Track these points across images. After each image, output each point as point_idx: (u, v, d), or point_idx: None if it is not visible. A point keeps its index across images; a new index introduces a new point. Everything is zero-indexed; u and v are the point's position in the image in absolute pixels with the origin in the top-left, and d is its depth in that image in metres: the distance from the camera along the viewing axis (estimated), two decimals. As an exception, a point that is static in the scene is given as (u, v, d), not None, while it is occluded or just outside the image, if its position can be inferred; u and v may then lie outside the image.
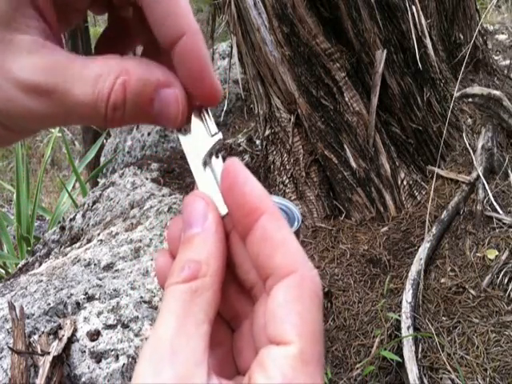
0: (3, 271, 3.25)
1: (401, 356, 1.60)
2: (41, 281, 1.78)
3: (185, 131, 0.34)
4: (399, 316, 1.70)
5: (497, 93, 2.47)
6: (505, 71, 3.06)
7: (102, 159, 4.08)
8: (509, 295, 1.74)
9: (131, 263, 1.91)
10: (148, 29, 0.33)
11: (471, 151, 2.27)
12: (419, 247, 1.94)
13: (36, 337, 1.49)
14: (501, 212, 2.02)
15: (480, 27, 2.85)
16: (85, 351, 1.47)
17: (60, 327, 1.52)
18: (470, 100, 2.55)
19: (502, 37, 4.29)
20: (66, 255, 2.19)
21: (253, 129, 3.15)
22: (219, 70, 3.82)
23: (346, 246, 2.11)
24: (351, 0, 2.00)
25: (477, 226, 2.01)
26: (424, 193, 2.22)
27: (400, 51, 2.13)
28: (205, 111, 0.34)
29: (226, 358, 0.32)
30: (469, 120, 2.45)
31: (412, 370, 1.54)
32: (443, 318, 1.72)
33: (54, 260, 2.20)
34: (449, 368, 1.55)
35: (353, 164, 2.18)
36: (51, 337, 1.50)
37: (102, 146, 4.17)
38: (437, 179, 2.24)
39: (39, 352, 1.43)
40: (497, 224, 1.99)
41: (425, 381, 1.55)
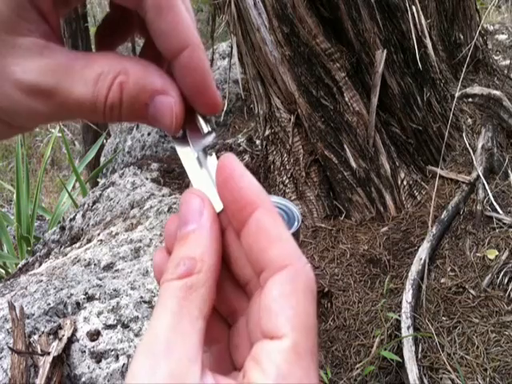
0: (3, 271, 3.25)
1: (401, 356, 1.60)
2: (41, 281, 1.78)
3: (174, 133, 0.34)
4: (399, 316, 1.70)
5: (497, 93, 2.47)
6: (505, 71, 3.06)
7: (102, 159, 4.08)
8: (509, 295, 1.74)
9: (131, 263, 1.91)
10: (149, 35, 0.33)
11: (471, 151, 2.27)
12: (419, 247, 1.95)
13: (36, 337, 1.49)
14: (501, 212, 2.02)
15: (480, 27, 2.85)
16: (85, 351, 1.48)
17: (60, 327, 1.52)
18: (470, 100, 2.55)
19: (502, 37, 4.29)
20: (66, 255, 2.19)
21: (253, 129, 3.15)
22: (219, 70, 3.82)
23: (346, 246, 2.11)
24: (351, 0, 2.00)
25: (477, 226, 2.01)
26: (424, 193, 2.22)
27: (400, 51, 2.13)
28: (197, 111, 0.34)
29: (223, 355, 0.33)
30: (469, 120, 2.45)
31: (412, 370, 1.54)
32: (443, 318, 1.72)
33: (54, 260, 2.20)
34: (449, 368, 1.55)
35: (353, 164, 2.18)
36: (51, 337, 1.50)
37: (102, 146, 4.17)
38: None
39: (39, 352, 1.43)
40: (497, 224, 1.99)
41: (425, 381, 1.55)
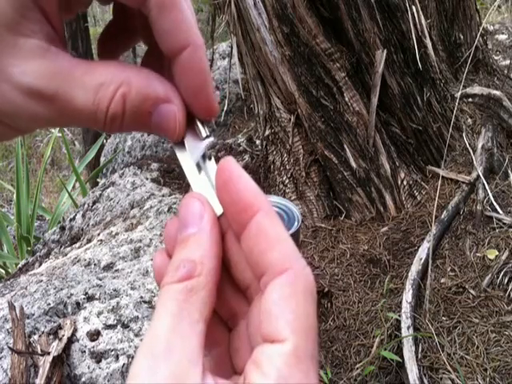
0: (3, 271, 3.25)
1: (401, 356, 1.60)
2: (41, 281, 1.78)
3: (176, 141, 0.34)
4: (399, 316, 1.70)
5: (497, 93, 2.47)
6: (505, 71, 3.06)
7: (102, 159, 4.08)
8: (509, 295, 1.74)
9: (131, 263, 1.91)
10: (151, 34, 0.33)
11: (471, 151, 2.27)
12: (419, 247, 1.94)
13: (36, 337, 1.49)
14: (501, 212, 2.02)
15: (480, 28, 2.85)
16: (85, 351, 1.48)
17: (60, 327, 1.52)
18: (470, 100, 2.55)
19: (502, 37, 4.29)
20: (66, 255, 2.19)
21: (253, 129, 3.15)
22: (219, 70, 3.82)
23: (346, 246, 2.11)
24: (351, 0, 2.00)
25: (477, 226, 2.01)
26: (424, 193, 2.22)
27: (400, 51, 2.13)
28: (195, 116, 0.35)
29: (223, 358, 0.33)
30: (469, 120, 2.45)
31: (412, 370, 1.54)
32: (443, 318, 1.72)
33: (54, 260, 2.20)
34: (449, 368, 1.55)
35: (353, 164, 2.18)
36: (51, 337, 1.50)
37: (102, 146, 4.17)
38: (437, 179, 2.24)
39: (39, 352, 1.43)
40: (497, 224, 1.99)
41: (425, 381, 1.54)
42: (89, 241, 2.30)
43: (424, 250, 1.91)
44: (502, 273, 1.79)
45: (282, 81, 2.18)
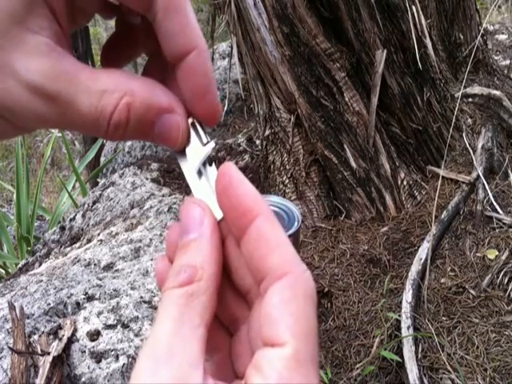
0: (3, 271, 3.25)
1: (401, 356, 1.60)
2: (41, 281, 1.78)
3: (178, 150, 0.35)
4: (399, 316, 1.70)
5: (497, 93, 2.47)
6: (505, 71, 3.06)
7: (102, 159, 4.08)
8: (509, 295, 1.74)
9: (131, 263, 1.91)
10: (154, 40, 0.33)
11: (471, 151, 2.27)
12: (419, 247, 1.94)
13: (36, 337, 1.49)
14: (501, 212, 2.02)
15: (480, 27, 2.85)
16: (85, 351, 1.47)
17: (60, 327, 1.52)
18: (470, 100, 2.55)
19: (502, 37, 4.29)
20: (66, 255, 2.19)
21: (253, 129, 3.15)
22: (219, 70, 3.82)
23: (346, 246, 2.11)
24: (351, 0, 2.00)
25: (477, 226, 2.01)
26: (424, 193, 2.22)
27: (400, 51, 2.13)
28: (196, 121, 0.35)
29: (225, 363, 0.33)
30: (469, 120, 2.45)
31: (412, 370, 1.54)
32: (443, 318, 1.72)
33: (54, 260, 2.21)
34: (449, 368, 1.55)
35: (353, 164, 2.18)
36: (51, 337, 1.50)
37: (102, 146, 4.17)
38: (437, 179, 2.24)
39: (39, 352, 1.43)
40: (497, 224, 1.99)
41: (425, 381, 1.54)
42: (89, 241, 2.30)
43: (424, 250, 1.91)
44: (502, 273, 1.79)
45: (282, 81, 2.18)
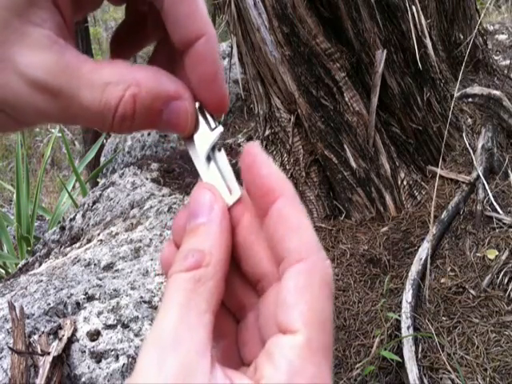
0: (3, 271, 3.25)
1: (401, 356, 1.60)
2: (41, 281, 1.78)
3: (187, 136, 0.34)
4: (399, 316, 1.70)
5: (497, 93, 2.47)
6: (505, 71, 3.06)
7: (102, 159, 4.08)
8: (509, 295, 1.73)
9: (131, 263, 1.91)
10: (162, 27, 0.32)
11: (471, 151, 2.27)
12: (419, 247, 1.94)
13: (36, 337, 1.49)
14: (501, 212, 2.02)
15: (480, 27, 2.85)
16: (85, 351, 1.47)
17: (60, 327, 1.52)
18: (470, 100, 2.55)
19: (502, 37, 4.29)
20: (66, 255, 2.19)
21: (253, 129, 3.15)
22: (219, 70, 3.82)
23: (346, 246, 2.11)
24: (351, 0, 2.00)
25: (477, 226, 2.01)
26: (424, 193, 2.22)
27: (400, 51, 2.13)
28: (204, 108, 0.34)
29: (231, 350, 0.32)
30: (469, 120, 2.45)
31: (412, 370, 1.54)
32: (443, 318, 1.72)
33: (54, 260, 2.21)
34: (449, 368, 1.55)
35: (353, 164, 2.18)
36: (51, 337, 1.50)
37: (102, 146, 4.18)
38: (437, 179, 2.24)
39: (39, 352, 1.43)
40: (497, 224, 1.99)
41: (425, 381, 1.54)
42: (89, 241, 2.30)
43: (424, 250, 1.91)
44: (502, 273, 1.79)
45: (282, 81, 2.18)
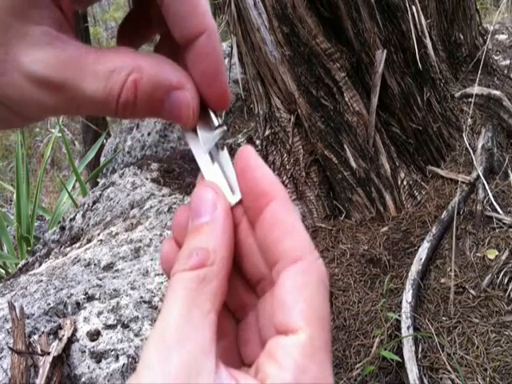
0: (3, 271, 3.25)
1: (401, 356, 1.60)
2: (41, 281, 1.78)
3: (190, 128, 0.34)
4: (399, 316, 1.70)
5: (497, 93, 2.47)
6: (505, 71, 3.06)
7: (102, 159, 4.08)
8: (509, 295, 1.73)
9: (131, 263, 1.91)
10: (164, 22, 0.32)
11: (471, 151, 2.27)
12: (419, 247, 1.94)
13: (36, 337, 1.49)
14: (501, 212, 2.02)
15: (480, 27, 2.85)
16: (85, 351, 1.47)
17: (60, 327, 1.52)
18: (470, 100, 2.55)
19: (502, 37, 4.29)
20: (66, 255, 2.19)
21: (253, 129, 3.15)
22: (219, 70, 3.82)
23: (346, 246, 2.11)
24: (351, 0, 2.00)
25: (477, 226, 2.01)
26: (424, 193, 2.22)
27: (400, 51, 2.13)
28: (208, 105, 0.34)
29: (231, 349, 0.32)
30: (469, 120, 2.45)
31: (412, 370, 1.54)
32: (443, 318, 1.72)
33: (54, 260, 2.21)
34: (449, 368, 1.55)
35: (353, 164, 2.18)
36: (51, 337, 1.50)
37: (102, 146, 4.18)
38: (437, 179, 2.24)
39: (39, 352, 1.43)
40: (497, 224, 1.99)
41: (425, 381, 1.54)
42: (89, 241, 2.30)
43: (424, 250, 1.91)
44: (502, 273, 1.79)
45: (282, 81, 2.18)
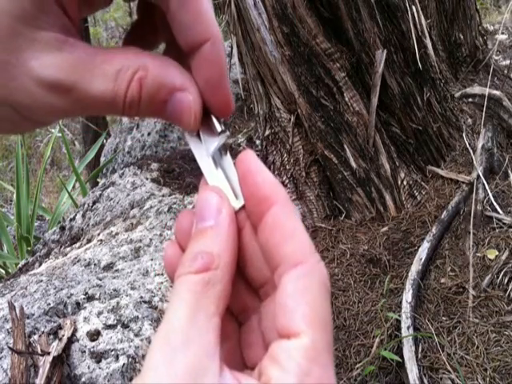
0: (3, 271, 3.25)
1: (401, 356, 1.60)
2: (41, 281, 1.78)
3: (192, 132, 0.34)
4: (399, 316, 1.70)
5: (497, 93, 2.47)
6: (505, 71, 3.06)
7: (102, 159, 4.08)
8: (509, 295, 1.73)
9: (131, 263, 1.91)
10: (169, 29, 0.33)
11: (471, 151, 2.27)
12: (419, 247, 1.94)
13: (36, 337, 1.49)
14: (501, 212, 2.02)
15: (480, 27, 2.85)
16: (85, 351, 1.47)
17: (60, 327, 1.52)
18: (470, 100, 2.55)
19: (502, 37, 4.29)
20: (66, 255, 2.19)
21: (253, 129, 3.15)
22: (219, 70, 3.82)
23: (346, 246, 2.11)
24: (351, 0, 2.00)
25: (477, 226, 2.00)
26: (424, 193, 2.22)
27: (400, 51, 2.13)
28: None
29: (234, 352, 0.33)
30: (469, 120, 2.45)
31: (412, 370, 1.54)
32: (443, 318, 1.72)
33: (54, 260, 2.21)
34: (449, 368, 1.55)
35: (353, 164, 2.18)
36: (51, 337, 1.50)
37: (102, 146, 4.18)
38: (437, 179, 2.24)
39: (39, 352, 1.43)
40: (497, 224, 1.99)
41: (425, 381, 1.54)
42: (89, 241, 2.30)
43: (424, 250, 1.91)
44: (502, 273, 1.79)
45: (282, 81, 2.18)
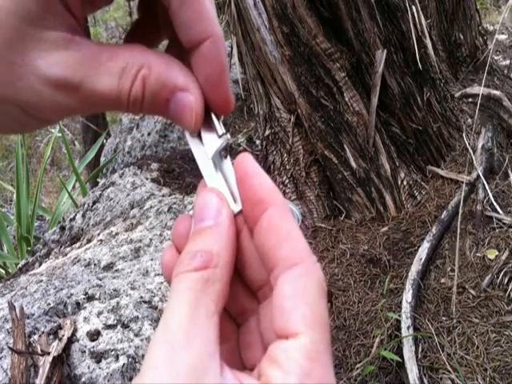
0: (3, 271, 3.25)
1: (401, 356, 1.60)
2: (41, 281, 1.78)
3: (193, 132, 0.34)
4: (399, 316, 1.70)
5: (497, 93, 2.47)
6: (505, 71, 3.06)
7: (102, 159, 4.08)
8: (509, 295, 1.73)
9: (131, 263, 1.91)
10: (171, 27, 0.33)
11: (471, 151, 2.27)
12: (419, 247, 1.94)
13: (36, 337, 1.49)
14: (501, 212, 2.02)
15: (480, 27, 2.85)
16: (85, 351, 1.47)
17: (60, 327, 1.52)
18: (470, 100, 2.55)
19: (502, 37, 4.29)
20: (66, 255, 2.19)
21: (253, 129, 3.15)
22: (219, 70, 3.82)
23: (346, 246, 2.11)
24: (351, 0, 2.00)
25: (477, 226, 2.00)
26: (424, 193, 2.22)
27: (400, 51, 2.13)
28: (212, 112, 0.34)
29: (232, 353, 0.33)
30: (469, 120, 2.45)
31: (412, 370, 1.54)
32: (443, 318, 1.72)
33: (54, 260, 2.21)
34: (449, 368, 1.55)
35: (353, 164, 2.18)
36: (51, 337, 1.50)
37: (102, 146, 4.18)
38: (437, 179, 2.24)
39: (39, 352, 1.43)
40: (497, 224, 1.99)
41: (425, 381, 1.54)
42: (89, 241, 2.30)
43: (424, 250, 1.91)
44: (502, 273, 1.79)
45: (282, 81, 2.18)
